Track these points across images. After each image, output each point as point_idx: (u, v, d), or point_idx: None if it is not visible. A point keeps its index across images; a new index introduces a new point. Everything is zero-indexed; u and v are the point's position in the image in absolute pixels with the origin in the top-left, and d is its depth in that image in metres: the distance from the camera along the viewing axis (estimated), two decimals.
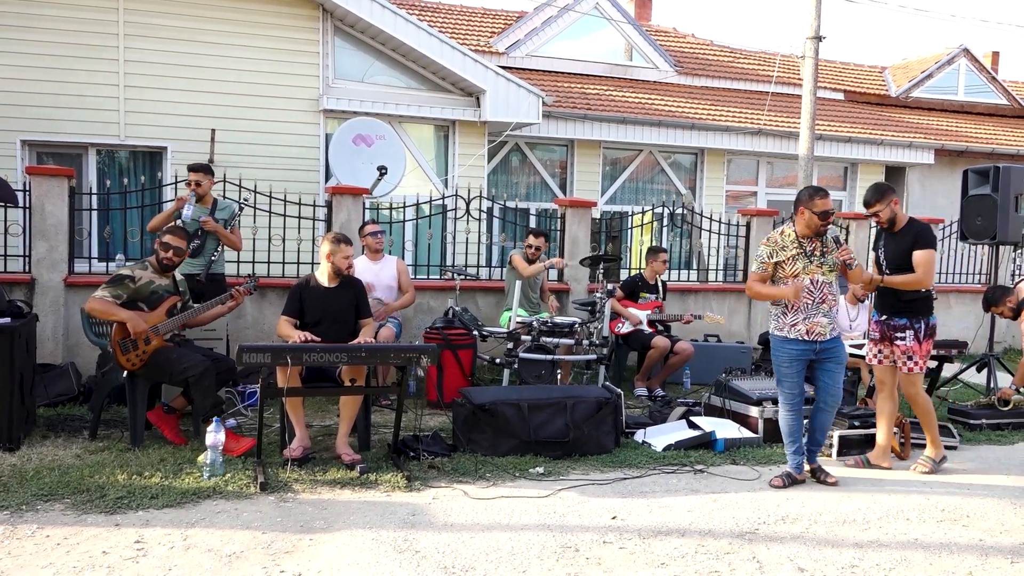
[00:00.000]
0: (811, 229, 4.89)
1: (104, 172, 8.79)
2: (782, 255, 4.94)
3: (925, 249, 5.19)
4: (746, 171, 13.15)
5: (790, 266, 4.91)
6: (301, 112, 9.18)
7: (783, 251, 4.94)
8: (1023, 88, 17.15)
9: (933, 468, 5.38)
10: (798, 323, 4.91)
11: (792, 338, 4.94)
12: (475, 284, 8.18)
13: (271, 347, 4.72)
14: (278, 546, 3.77)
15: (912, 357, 5.30)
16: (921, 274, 5.17)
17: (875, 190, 5.40)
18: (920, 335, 5.28)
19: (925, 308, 5.30)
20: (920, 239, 5.24)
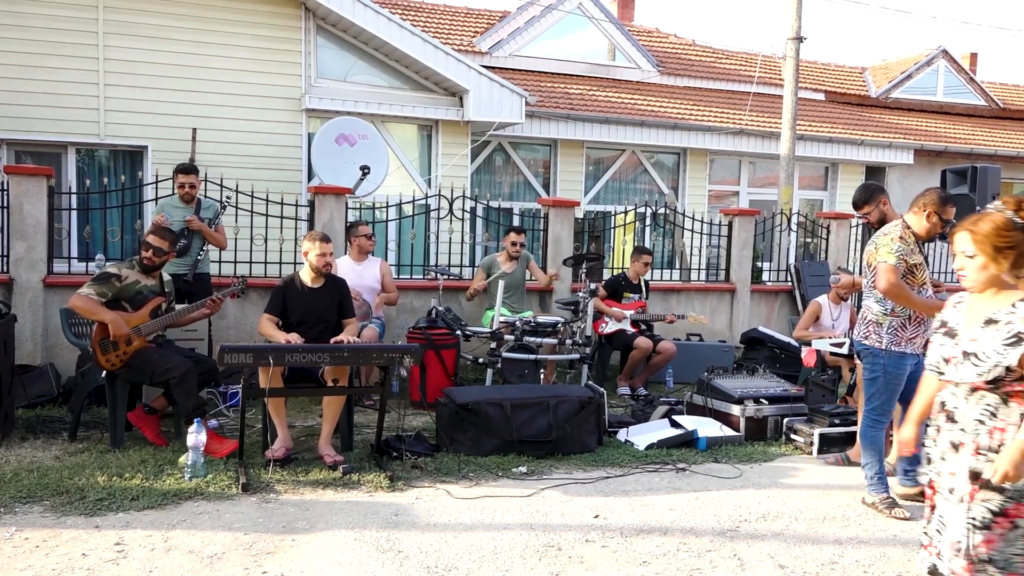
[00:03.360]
0: (929, 235, 4.54)
1: (84, 171, 8.71)
2: (915, 259, 4.48)
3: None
4: (728, 171, 13.22)
5: (920, 273, 4.50)
6: (283, 111, 9.14)
7: (914, 254, 4.49)
8: (1000, 89, 17.36)
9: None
10: (917, 337, 4.52)
11: (909, 352, 4.53)
12: (458, 284, 8.18)
13: (253, 347, 4.70)
14: (260, 547, 3.76)
15: None
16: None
17: (864, 191, 5.30)
18: None
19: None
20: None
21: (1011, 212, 2.73)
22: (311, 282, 5.38)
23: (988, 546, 2.70)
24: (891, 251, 4.44)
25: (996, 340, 2.68)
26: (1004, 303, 2.73)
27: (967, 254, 2.77)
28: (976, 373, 2.70)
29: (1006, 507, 2.68)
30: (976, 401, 2.76)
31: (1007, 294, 2.75)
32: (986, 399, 2.74)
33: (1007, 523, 2.69)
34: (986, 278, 2.76)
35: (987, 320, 2.73)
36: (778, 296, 10.00)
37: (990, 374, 2.67)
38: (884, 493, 4.62)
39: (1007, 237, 2.71)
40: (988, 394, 2.73)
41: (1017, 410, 2.68)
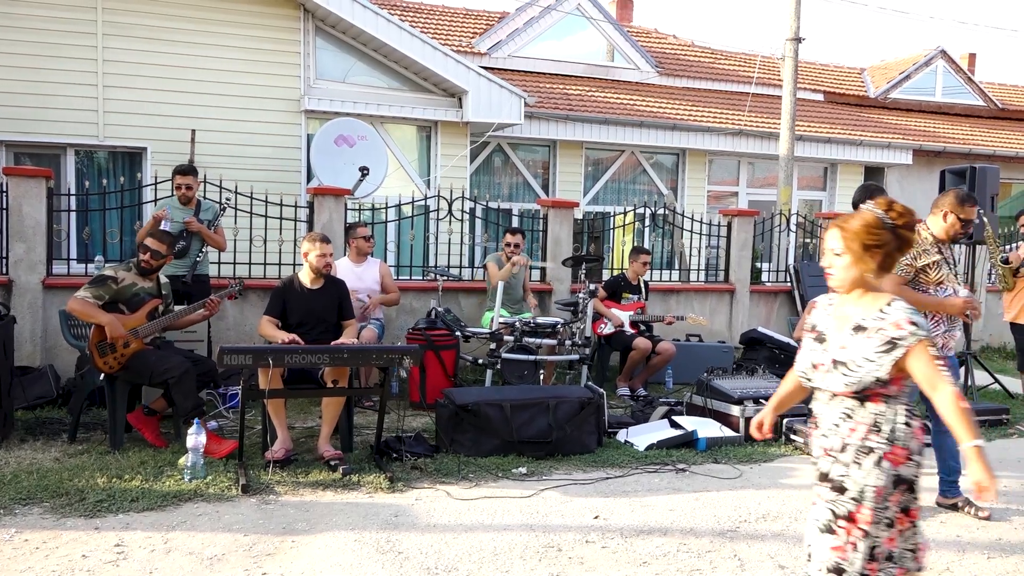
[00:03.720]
0: (948, 235, 4.49)
1: (83, 173, 8.71)
2: (926, 259, 4.44)
3: None
4: (727, 171, 13.23)
5: (935, 272, 4.44)
6: (282, 112, 9.14)
7: (926, 254, 4.45)
8: (999, 90, 17.37)
9: None
10: (936, 337, 4.44)
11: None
12: (458, 285, 8.18)
13: (252, 349, 4.70)
14: (260, 548, 3.75)
15: None
16: None
17: (862, 191, 5.31)
18: None
19: None
20: None
21: (882, 212, 2.63)
22: (310, 283, 5.38)
23: (836, 553, 2.58)
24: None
25: (868, 348, 2.56)
26: (872, 307, 2.62)
27: (835, 252, 2.67)
28: (845, 383, 2.59)
29: (849, 510, 2.56)
30: (836, 404, 2.66)
31: (873, 297, 2.64)
32: (845, 402, 2.64)
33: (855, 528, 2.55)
34: (852, 278, 2.65)
35: (856, 327, 2.62)
36: (777, 297, 10.00)
37: (860, 384, 2.56)
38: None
39: (875, 236, 2.61)
40: (847, 398, 2.63)
41: (872, 410, 2.58)
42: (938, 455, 4.64)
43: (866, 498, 2.54)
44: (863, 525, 2.54)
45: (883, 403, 2.59)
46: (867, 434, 2.58)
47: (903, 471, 2.57)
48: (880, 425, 2.57)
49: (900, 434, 2.57)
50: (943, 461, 4.64)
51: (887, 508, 2.56)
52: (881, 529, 2.55)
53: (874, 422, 2.58)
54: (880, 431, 2.57)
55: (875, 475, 2.54)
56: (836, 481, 2.61)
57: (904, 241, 2.65)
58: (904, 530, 2.58)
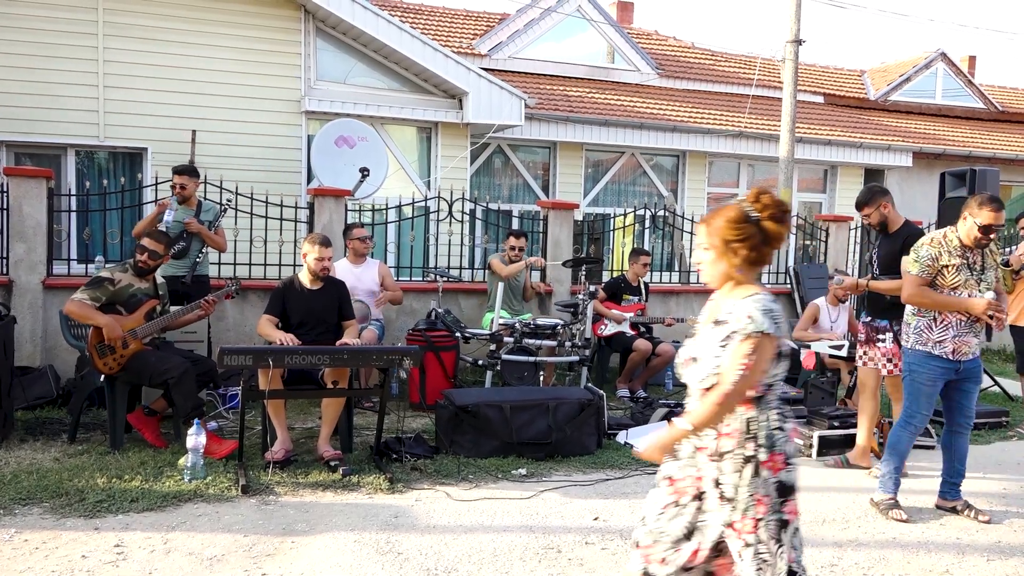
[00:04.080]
0: (970, 240, 4.41)
1: (83, 173, 8.71)
2: (946, 260, 4.41)
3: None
4: (727, 173, 13.23)
5: (951, 276, 4.41)
6: (283, 113, 9.14)
7: (948, 255, 4.42)
8: (999, 92, 17.38)
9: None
10: (945, 340, 4.44)
11: (936, 355, 4.46)
12: (458, 286, 8.18)
13: (252, 349, 4.70)
14: (260, 549, 3.76)
15: (892, 360, 5.23)
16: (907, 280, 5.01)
17: (866, 193, 5.39)
18: (900, 337, 5.12)
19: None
20: (908, 244, 5.00)
21: (748, 205, 2.52)
22: (310, 284, 5.39)
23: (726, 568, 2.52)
24: (915, 259, 4.50)
25: (715, 343, 2.48)
26: (733, 301, 2.53)
27: (702, 247, 2.60)
28: (698, 379, 2.52)
29: (732, 520, 2.47)
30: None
31: (741, 290, 2.54)
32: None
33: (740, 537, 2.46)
34: (719, 272, 2.57)
35: (716, 320, 2.53)
36: (777, 298, 9.97)
37: (708, 380, 2.48)
38: (889, 494, 4.62)
39: (738, 231, 2.49)
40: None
41: (743, 414, 2.48)
42: (945, 456, 4.66)
43: (748, 509, 2.44)
44: (745, 536, 2.45)
45: (753, 408, 2.49)
46: (743, 442, 2.47)
47: (784, 476, 2.48)
48: (755, 432, 2.47)
49: (777, 439, 2.49)
50: (949, 463, 4.65)
51: (785, 520, 2.47)
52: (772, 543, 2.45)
53: (747, 428, 2.48)
54: (756, 438, 2.46)
55: (755, 485, 2.45)
56: (714, 488, 2.50)
57: (770, 234, 2.51)
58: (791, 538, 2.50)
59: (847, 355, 6.69)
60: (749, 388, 2.43)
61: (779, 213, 2.52)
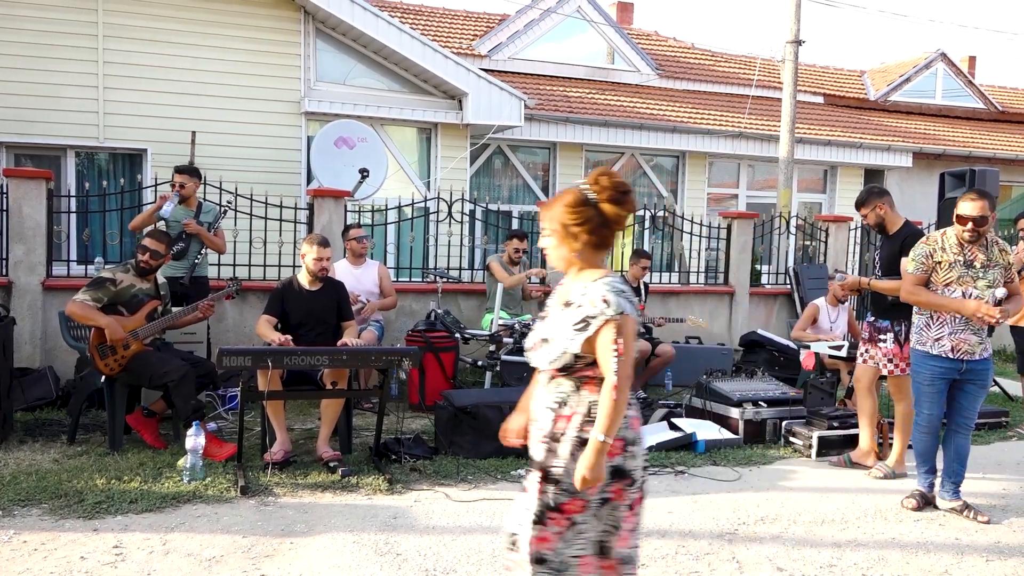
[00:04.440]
0: (959, 236, 4.44)
1: (83, 174, 8.72)
2: (941, 256, 4.47)
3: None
4: (727, 174, 13.23)
5: (943, 272, 4.45)
6: (282, 114, 9.14)
7: (943, 253, 4.47)
8: (999, 92, 17.37)
9: (887, 474, 5.28)
10: (943, 338, 4.47)
11: (935, 354, 4.49)
12: (457, 287, 8.18)
13: (252, 350, 4.70)
14: (259, 550, 3.76)
15: (892, 360, 5.23)
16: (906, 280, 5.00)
17: (864, 193, 5.45)
18: (901, 338, 5.17)
19: (909, 311, 4.94)
20: (907, 246, 5.03)
21: (587, 187, 2.50)
22: (309, 285, 5.39)
23: (541, 544, 2.47)
24: (913, 257, 4.59)
25: (567, 324, 2.47)
26: (583, 284, 2.50)
27: (545, 233, 2.58)
28: (548, 360, 2.51)
29: (561, 501, 2.46)
30: (553, 388, 2.55)
31: (589, 273, 2.52)
32: (561, 386, 2.53)
33: (564, 520, 2.47)
34: (563, 257, 2.55)
35: (566, 303, 2.53)
36: (777, 299, 10.01)
37: (559, 361, 2.48)
38: (917, 488, 4.75)
39: (576, 214, 2.48)
40: (564, 381, 2.52)
41: (587, 397, 2.48)
42: (944, 455, 4.67)
43: (579, 491, 2.44)
44: (574, 516, 2.45)
45: (597, 391, 2.46)
46: (583, 425, 2.46)
47: (619, 462, 2.46)
48: (595, 415, 2.45)
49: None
50: (947, 463, 4.65)
51: (607, 498, 2.46)
52: (602, 525, 2.47)
53: (589, 411, 2.47)
54: (595, 421, 2.44)
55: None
56: (550, 471, 2.50)
57: (609, 216, 2.50)
58: (634, 528, 2.51)
59: (847, 356, 6.68)
60: (630, 371, 2.42)
61: (617, 194, 2.50)
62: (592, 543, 2.48)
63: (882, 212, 5.33)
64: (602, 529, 2.49)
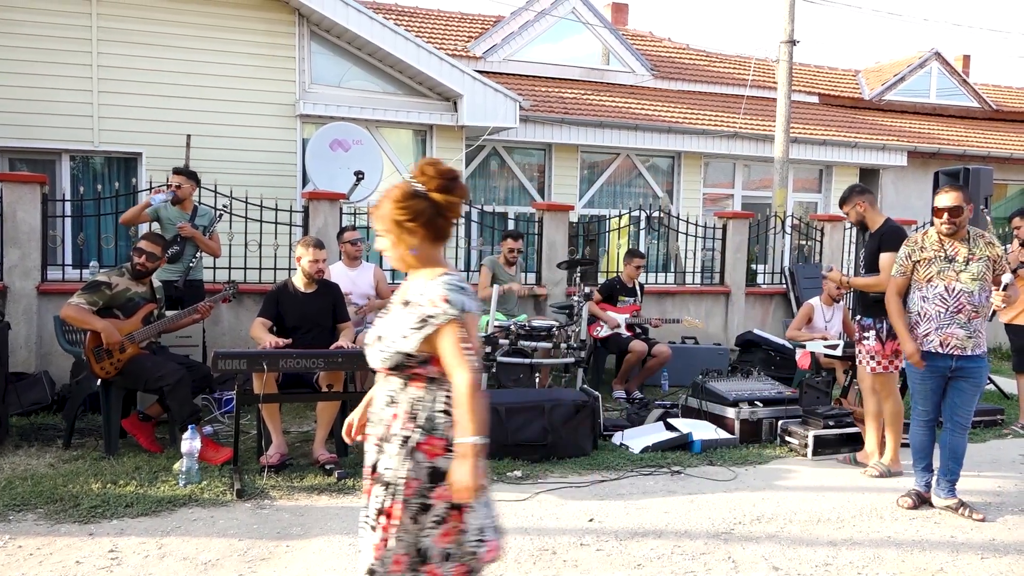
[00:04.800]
0: (939, 230, 4.53)
1: (78, 178, 8.70)
2: (919, 255, 4.57)
3: (887, 252, 5.09)
4: (723, 174, 13.25)
5: (923, 269, 4.56)
6: (277, 117, 9.14)
7: (921, 252, 4.57)
8: (993, 91, 17.41)
9: (883, 472, 5.30)
10: (930, 333, 4.53)
11: (925, 351, 4.55)
12: None
13: (247, 353, 4.70)
14: (254, 553, 3.75)
15: (875, 357, 5.26)
16: (883, 277, 5.07)
17: (847, 191, 5.50)
18: (883, 336, 5.19)
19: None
20: (884, 242, 5.18)
21: (414, 179, 2.44)
22: (304, 287, 5.39)
23: (377, 550, 2.39)
24: (896, 260, 4.72)
25: (405, 323, 2.39)
26: (421, 281, 2.43)
27: (379, 235, 2.49)
28: (381, 358, 2.44)
29: (386, 504, 2.38)
30: (385, 387, 2.48)
31: (428, 271, 2.45)
32: (390, 384, 2.46)
33: (390, 524, 2.38)
34: (399, 255, 2.47)
35: (405, 301, 2.45)
36: (773, 299, 10.02)
37: (391, 360, 2.41)
38: (913, 487, 4.78)
39: (406, 209, 2.40)
40: (394, 379, 2.45)
41: (412, 395, 2.41)
42: (940, 454, 4.68)
43: (398, 492, 2.37)
44: (394, 520, 2.36)
45: (423, 388, 2.41)
46: (405, 423, 2.40)
47: (441, 463, 2.37)
48: (417, 413, 2.39)
49: (438, 423, 2.39)
50: (943, 461, 4.67)
51: (429, 504, 2.37)
52: (425, 527, 2.38)
53: (411, 408, 2.40)
54: (416, 419, 2.39)
55: (408, 467, 2.37)
56: (380, 475, 2.43)
57: (442, 206, 2.43)
58: (459, 527, 2.39)
59: (842, 355, 6.70)
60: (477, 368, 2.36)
61: (446, 182, 2.43)
62: (409, 544, 2.38)
63: (862, 209, 5.39)
64: (421, 531, 2.39)
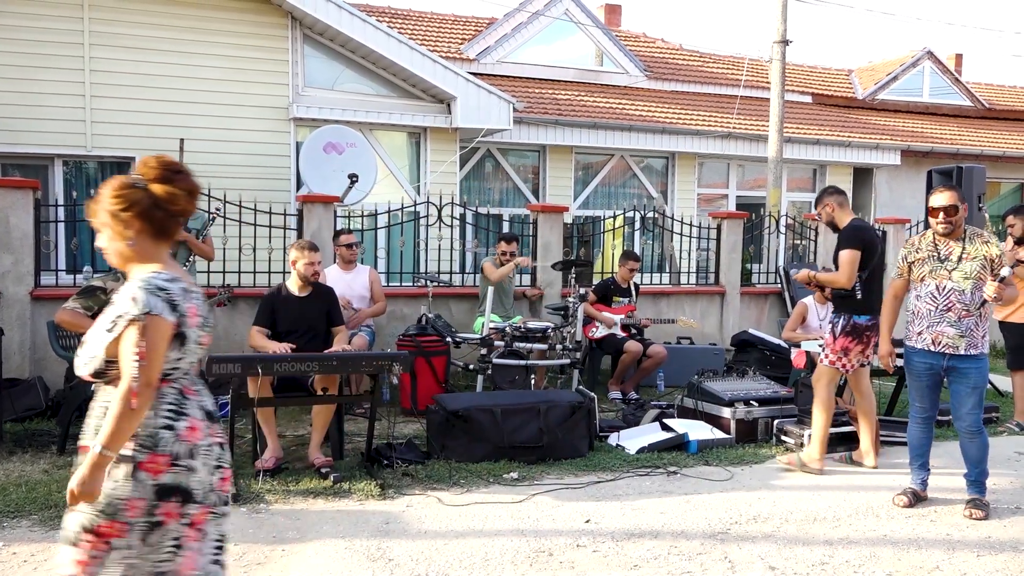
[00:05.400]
0: (934, 230, 4.59)
1: (71, 183, 8.68)
2: (914, 256, 4.65)
3: (844, 249, 5.23)
4: (717, 174, 13.27)
5: (917, 269, 4.63)
6: (271, 120, 9.13)
7: (916, 252, 4.65)
8: (985, 90, 17.47)
9: (798, 466, 5.33)
10: (923, 332, 4.58)
11: (919, 348, 4.61)
12: (448, 291, 8.17)
13: (241, 357, 4.70)
14: (250, 558, 3.74)
15: (824, 348, 5.38)
16: (839, 273, 5.22)
17: (819, 193, 5.63)
18: (836, 330, 5.28)
19: (847, 305, 5.25)
20: (842, 240, 5.30)
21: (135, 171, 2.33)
22: (298, 291, 5.38)
23: (83, 568, 2.20)
24: (896, 262, 4.82)
25: (102, 326, 2.25)
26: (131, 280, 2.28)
27: (97, 229, 2.35)
28: (82, 364, 2.27)
29: (97, 523, 2.18)
30: (101, 397, 2.29)
31: (143, 268, 2.31)
32: (105, 395, 2.27)
33: (102, 544, 2.19)
34: (117, 251, 2.33)
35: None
36: (768, 298, 10.03)
37: (91, 365, 2.25)
38: (909, 485, 4.80)
39: (122, 199, 2.28)
40: (107, 388, 2.27)
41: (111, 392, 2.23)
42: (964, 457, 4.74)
43: (119, 513, 2.19)
44: (113, 541, 2.19)
45: None
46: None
47: (168, 480, 2.22)
48: (137, 430, 2.20)
49: (161, 440, 2.23)
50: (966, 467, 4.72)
51: (157, 522, 2.21)
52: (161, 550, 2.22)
53: None
54: (136, 436, 2.20)
55: (129, 487, 2.19)
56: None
57: (160, 198, 2.30)
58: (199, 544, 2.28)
59: None
60: (153, 378, 2.19)
61: (167, 173, 2.33)
62: (145, 572, 2.22)
63: (831, 210, 5.49)
64: (158, 557, 2.22)
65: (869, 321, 5.23)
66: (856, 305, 5.24)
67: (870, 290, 5.26)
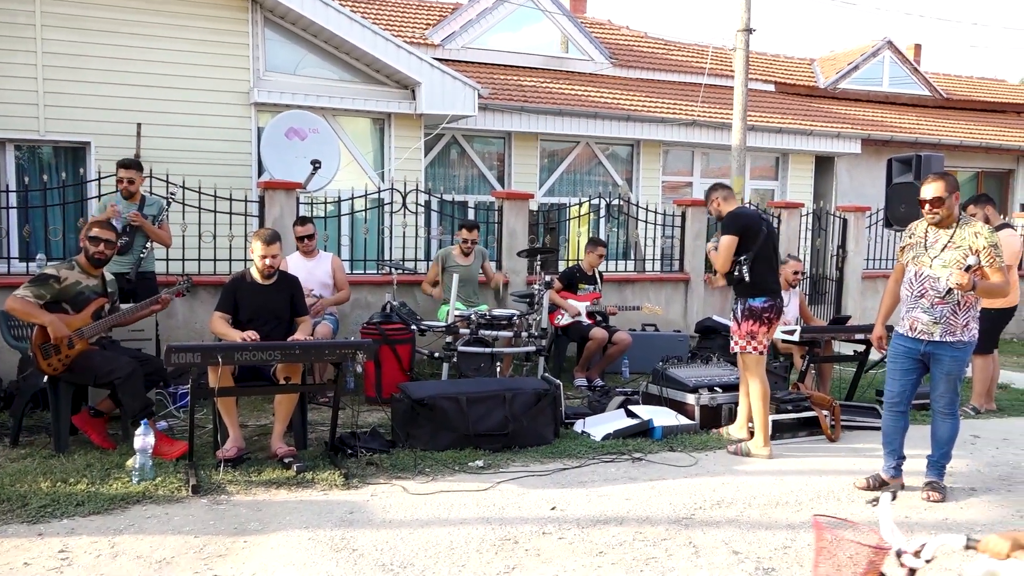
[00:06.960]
0: (926, 218, 4.65)
1: (24, 169, 8.44)
2: (907, 242, 4.74)
3: (725, 235, 5.45)
4: (682, 162, 13.33)
5: (906, 256, 4.73)
6: (231, 105, 8.95)
7: (910, 238, 4.73)
8: (944, 80, 17.76)
9: (738, 451, 5.44)
10: (904, 316, 4.70)
11: (900, 332, 4.71)
12: (413, 278, 8.11)
13: (201, 347, 4.60)
14: (211, 550, 3.68)
15: (732, 337, 5.53)
16: (716, 257, 5.49)
17: (707, 190, 5.85)
18: (738, 316, 5.47)
19: (741, 290, 5.48)
20: (722, 227, 5.53)
21: None
22: (262, 279, 5.28)
23: None
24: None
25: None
26: None
27: None
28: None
29: None
30: None
31: None
32: None
33: None
34: None
35: None
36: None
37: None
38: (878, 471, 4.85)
39: None
40: None
41: None
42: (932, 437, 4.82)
43: None
44: None
45: None
46: None
47: None
48: None
49: None
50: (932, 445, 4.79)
51: None
52: None
53: None
54: None
55: None
56: None
57: None
58: None
59: (799, 340, 6.78)
60: None
61: None
62: None
63: (717, 204, 5.72)
64: None
65: (766, 302, 5.40)
66: (747, 289, 5.44)
67: (758, 272, 5.42)
